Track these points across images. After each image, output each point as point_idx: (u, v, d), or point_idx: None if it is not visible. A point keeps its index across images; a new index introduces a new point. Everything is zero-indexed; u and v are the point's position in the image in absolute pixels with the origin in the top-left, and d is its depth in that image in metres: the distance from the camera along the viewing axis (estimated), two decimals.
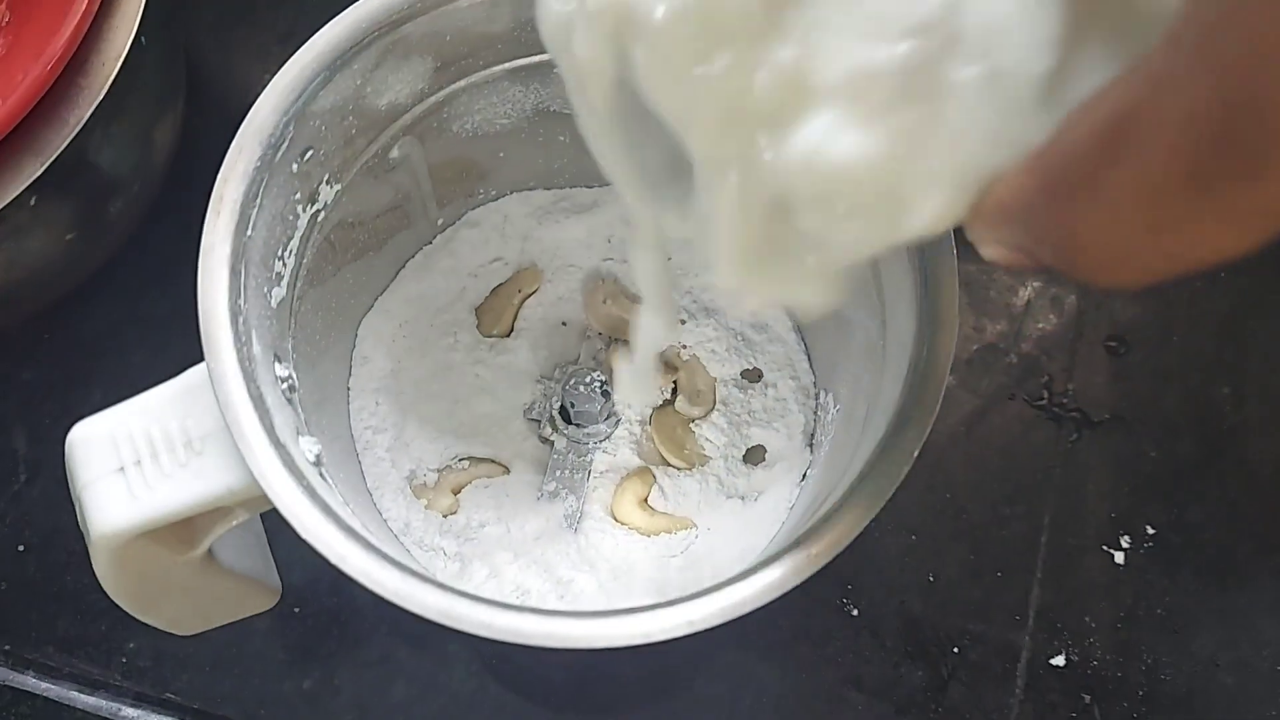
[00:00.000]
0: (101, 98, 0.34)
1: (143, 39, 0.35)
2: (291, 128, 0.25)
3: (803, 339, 0.32)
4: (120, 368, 0.40)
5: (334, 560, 0.22)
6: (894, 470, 0.22)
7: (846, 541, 0.22)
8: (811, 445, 0.31)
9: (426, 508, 0.30)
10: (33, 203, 0.34)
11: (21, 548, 0.38)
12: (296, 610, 0.37)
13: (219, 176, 0.25)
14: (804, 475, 0.31)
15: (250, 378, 0.23)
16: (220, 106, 0.44)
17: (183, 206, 0.39)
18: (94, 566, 0.26)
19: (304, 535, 0.22)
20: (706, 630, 0.21)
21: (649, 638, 0.21)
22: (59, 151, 0.33)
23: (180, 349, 0.40)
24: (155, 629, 0.29)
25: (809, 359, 0.32)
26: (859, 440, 0.25)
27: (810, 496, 0.29)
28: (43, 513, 0.39)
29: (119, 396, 0.33)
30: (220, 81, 0.45)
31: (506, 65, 0.29)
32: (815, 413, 0.32)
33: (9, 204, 0.33)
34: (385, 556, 0.22)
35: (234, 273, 0.24)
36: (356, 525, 0.23)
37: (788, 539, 0.22)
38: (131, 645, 0.37)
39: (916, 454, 0.22)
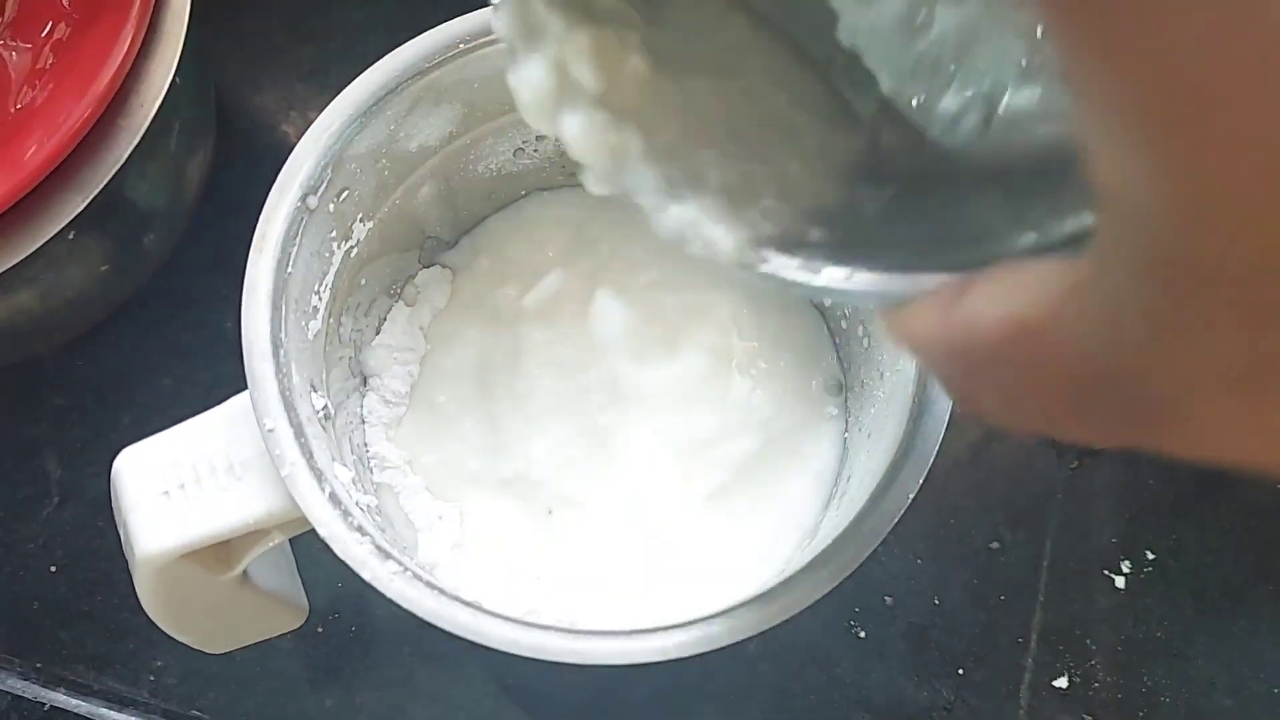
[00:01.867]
0: (141, 136, 0.35)
1: (178, 79, 0.36)
2: (330, 171, 0.27)
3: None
4: (150, 394, 0.41)
5: (368, 579, 0.23)
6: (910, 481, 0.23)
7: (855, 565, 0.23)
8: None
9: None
10: (71, 237, 0.35)
11: (53, 569, 0.39)
12: (320, 630, 0.38)
13: (262, 216, 0.26)
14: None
15: (290, 407, 0.24)
16: (247, 142, 0.45)
17: (211, 238, 0.41)
18: (136, 585, 0.27)
19: (342, 556, 0.23)
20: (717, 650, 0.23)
21: (665, 654, 0.22)
22: (100, 188, 0.34)
23: (207, 375, 0.42)
24: (182, 648, 0.30)
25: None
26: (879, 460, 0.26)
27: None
28: (73, 535, 0.40)
29: (148, 421, 0.34)
30: (247, 118, 0.46)
31: None
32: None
33: (50, 239, 0.34)
34: (418, 576, 0.23)
35: (275, 307, 0.25)
36: (387, 545, 0.24)
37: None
38: (159, 663, 0.38)
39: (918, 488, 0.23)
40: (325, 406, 0.27)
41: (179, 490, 0.25)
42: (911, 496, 0.24)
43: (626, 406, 0.32)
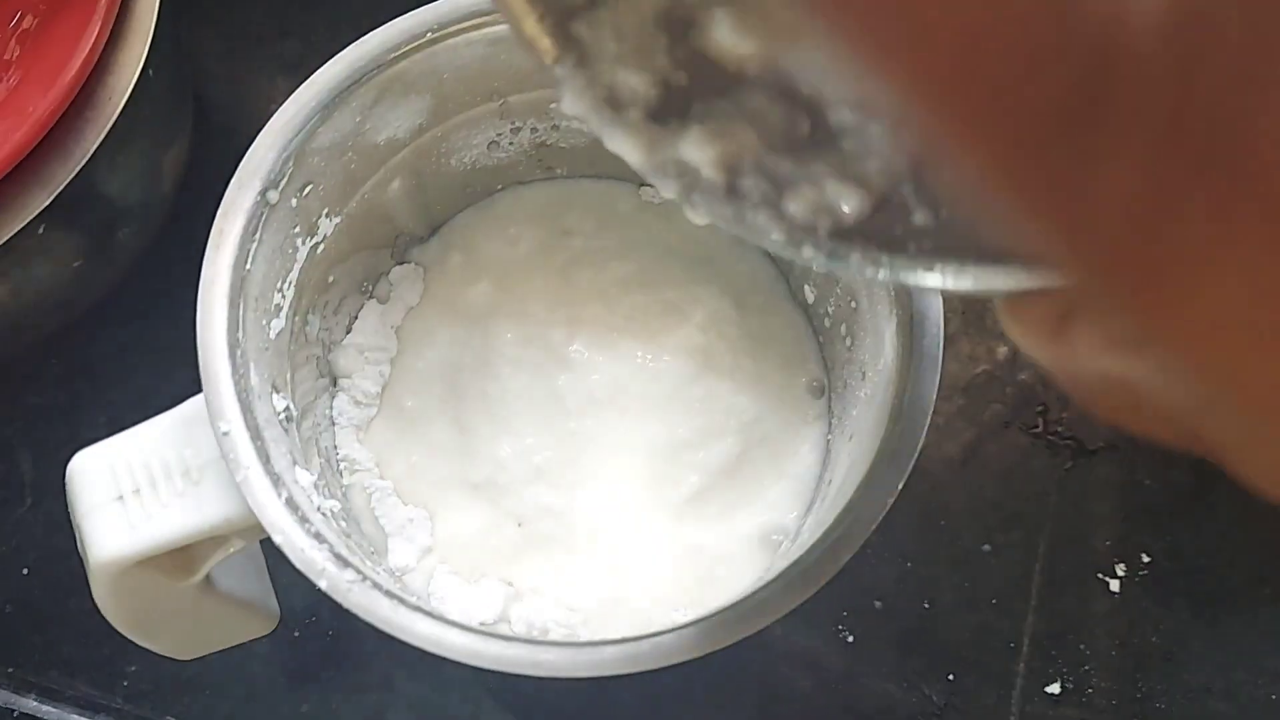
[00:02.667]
0: (107, 131, 0.34)
1: (150, 71, 0.36)
2: (291, 164, 0.26)
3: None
4: (125, 393, 0.40)
5: (324, 587, 0.22)
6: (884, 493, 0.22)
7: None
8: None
9: None
10: (41, 231, 0.34)
11: (25, 571, 0.39)
12: (296, 635, 0.37)
13: (219, 212, 0.25)
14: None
15: (247, 409, 0.23)
16: (227, 136, 0.44)
17: (189, 234, 0.40)
18: (93, 593, 0.26)
19: (297, 563, 0.22)
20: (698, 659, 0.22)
21: (635, 665, 0.21)
22: (65, 184, 0.34)
23: (185, 374, 0.41)
24: (156, 653, 0.30)
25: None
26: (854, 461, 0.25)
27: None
28: (47, 537, 0.39)
29: (124, 421, 0.34)
30: (227, 111, 0.45)
31: (503, 101, 0.30)
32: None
33: (17, 232, 0.34)
34: (377, 585, 0.22)
35: (232, 306, 0.24)
36: (347, 552, 0.23)
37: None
38: (133, 669, 0.38)
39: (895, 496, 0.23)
40: (287, 408, 0.26)
41: (134, 495, 0.24)
42: (891, 500, 0.23)
43: (601, 409, 0.31)
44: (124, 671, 0.38)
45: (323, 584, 0.22)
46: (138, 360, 0.41)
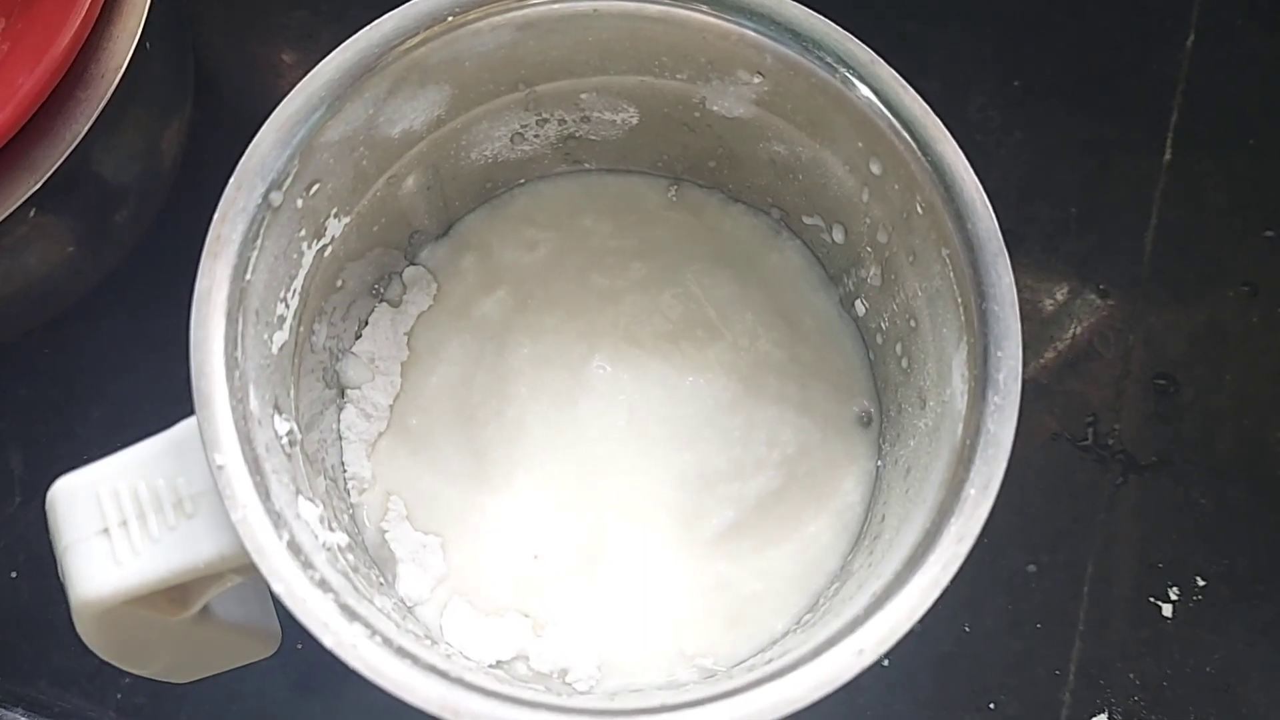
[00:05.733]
0: (102, 108, 0.32)
1: (148, 44, 0.33)
2: (296, 162, 0.23)
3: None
4: (121, 387, 0.38)
5: (329, 645, 0.20)
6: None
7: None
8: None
9: None
10: (32, 215, 0.32)
11: (14, 574, 0.37)
12: (299, 646, 0.35)
13: (216, 216, 0.23)
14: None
15: (245, 439, 0.21)
16: (231, 113, 0.42)
17: (190, 218, 0.38)
18: (76, 627, 0.24)
19: (299, 617, 0.20)
20: None
21: None
22: (57, 165, 0.32)
23: (185, 369, 0.39)
24: None
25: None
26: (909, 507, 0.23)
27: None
28: (38, 538, 0.36)
29: (120, 416, 0.31)
30: (231, 86, 0.43)
31: (531, 91, 0.27)
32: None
33: (6, 217, 0.32)
34: (389, 641, 0.20)
35: (231, 321, 0.22)
36: (354, 600, 0.21)
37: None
38: (127, 680, 0.36)
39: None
40: (290, 431, 0.24)
41: (120, 528, 0.22)
42: (961, 560, 0.21)
43: (625, 435, 0.28)
44: (117, 683, 0.36)
45: (327, 640, 0.20)
46: (134, 352, 0.39)
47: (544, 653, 0.27)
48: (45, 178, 0.32)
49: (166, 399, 0.24)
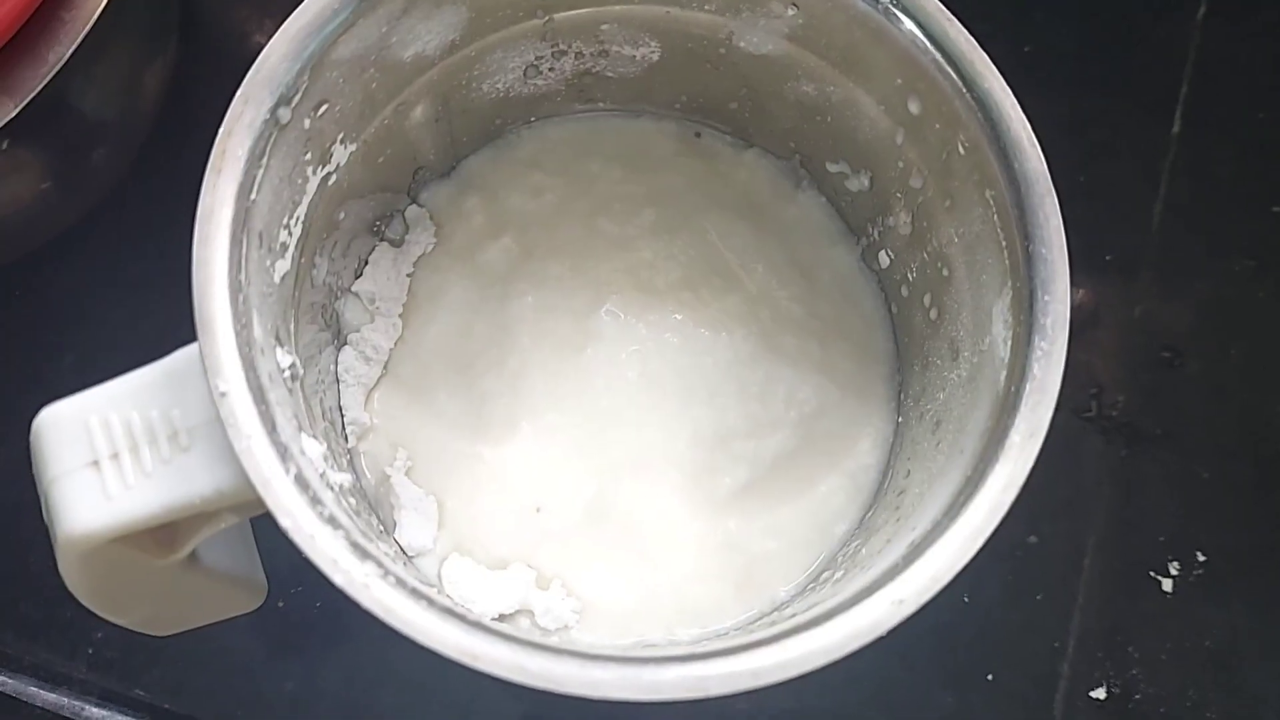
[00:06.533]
0: (85, 33, 0.30)
1: None
2: (306, 77, 0.22)
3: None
4: (96, 332, 0.37)
5: (340, 583, 0.19)
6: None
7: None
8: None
9: None
10: (4, 147, 0.31)
11: None
12: (281, 605, 0.34)
13: (221, 130, 0.21)
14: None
15: (250, 366, 0.20)
16: (216, 49, 0.40)
17: (172, 158, 0.36)
18: (59, 567, 0.22)
19: (309, 554, 0.19)
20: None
21: (705, 691, 0.18)
22: (35, 92, 0.30)
23: (163, 315, 0.37)
24: None
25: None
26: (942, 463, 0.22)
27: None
28: (6, 487, 0.35)
29: (94, 363, 0.30)
30: (218, 21, 0.41)
31: (549, 19, 0.26)
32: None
33: None
34: (402, 582, 0.19)
35: (235, 242, 0.21)
36: (364, 540, 0.20)
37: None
38: (100, 635, 0.34)
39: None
40: (293, 364, 0.23)
41: (111, 461, 0.20)
42: (1007, 508, 0.20)
43: (638, 389, 0.27)
44: (89, 637, 0.34)
45: (338, 579, 0.19)
46: (109, 297, 0.37)
47: (549, 608, 0.26)
48: (24, 103, 0.30)
49: (144, 345, 0.23)
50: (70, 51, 0.30)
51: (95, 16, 0.31)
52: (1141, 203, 0.39)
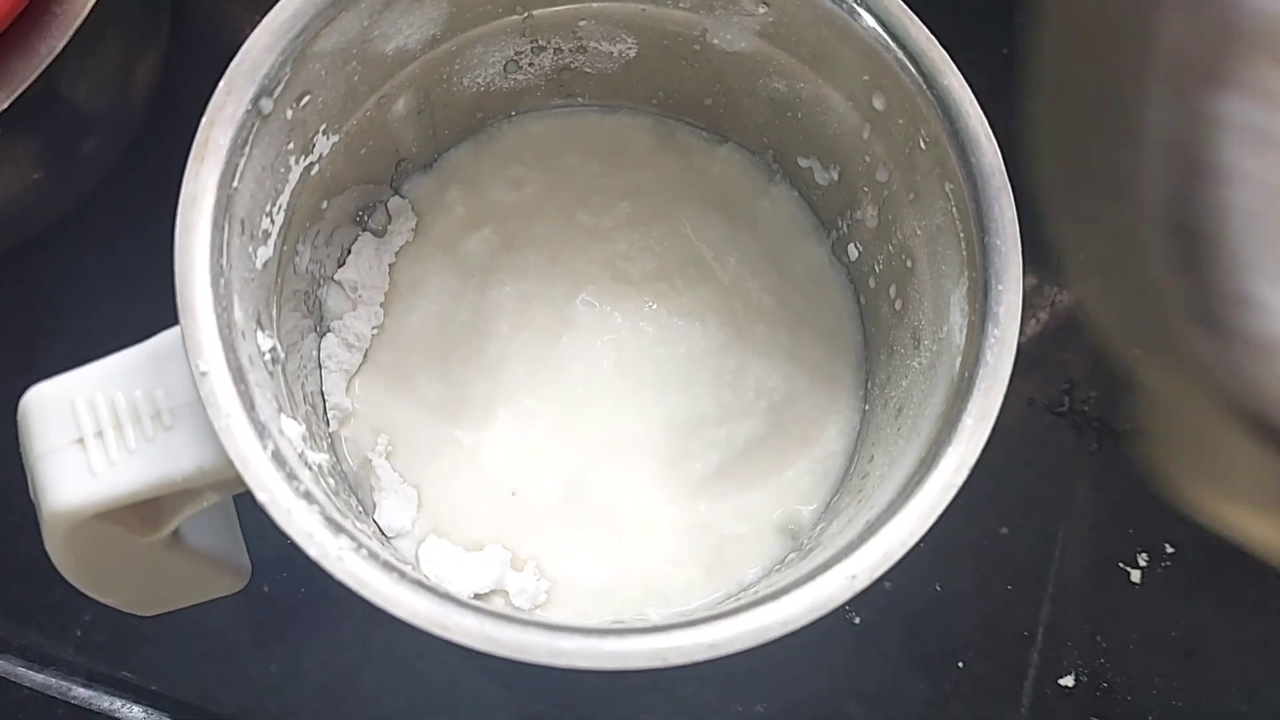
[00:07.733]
0: (77, 26, 0.31)
1: None
2: (289, 69, 0.23)
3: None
4: (87, 320, 0.37)
5: (314, 555, 0.19)
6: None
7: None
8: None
9: None
10: None
11: None
12: (266, 589, 0.35)
13: (204, 119, 0.22)
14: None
15: (230, 347, 0.21)
16: (206, 43, 0.41)
17: (162, 149, 0.37)
18: (45, 543, 0.23)
19: (284, 527, 0.19)
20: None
21: (665, 660, 0.19)
22: (27, 83, 0.30)
23: (153, 303, 0.38)
24: None
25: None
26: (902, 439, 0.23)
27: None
28: None
29: (84, 352, 0.30)
30: (208, 15, 0.42)
31: (528, 15, 0.27)
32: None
33: None
34: (375, 555, 0.19)
35: (217, 228, 0.21)
36: (339, 515, 0.21)
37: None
38: (87, 617, 0.35)
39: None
40: (274, 348, 0.23)
41: (96, 438, 0.21)
42: (956, 490, 0.21)
43: (614, 376, 0.28)
44: (77, 620, 0.35)
45: (312, 551, 0.19)
46: (100, 286, 0.38)
47: (523, 588, 0.26)
48: (16, 94, 0.30)
49: (132, 333, 0.24)
50: (62, 44, 0.31)
51: (87, 10, 0.31)
52: None
